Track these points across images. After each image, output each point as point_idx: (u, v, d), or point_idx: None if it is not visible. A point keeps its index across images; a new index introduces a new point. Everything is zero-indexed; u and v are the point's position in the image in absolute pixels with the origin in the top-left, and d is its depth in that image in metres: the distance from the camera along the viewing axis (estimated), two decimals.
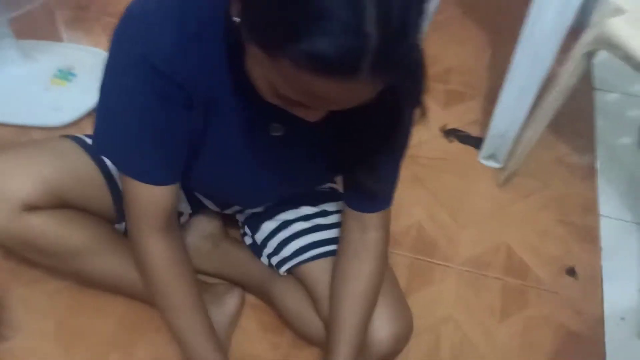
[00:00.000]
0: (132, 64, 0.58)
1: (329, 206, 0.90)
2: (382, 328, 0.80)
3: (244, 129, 0.68)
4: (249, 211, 0.95)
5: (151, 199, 0.67)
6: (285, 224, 0.90)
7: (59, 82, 1.28)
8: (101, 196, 0.82)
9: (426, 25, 1.53)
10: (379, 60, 0.44)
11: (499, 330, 0.98)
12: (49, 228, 0.77)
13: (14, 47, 1.26)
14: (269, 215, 0.91)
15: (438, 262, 1.07)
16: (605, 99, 1.48)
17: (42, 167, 0.76)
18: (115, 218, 0.85)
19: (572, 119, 1.41)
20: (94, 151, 0.81)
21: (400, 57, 0.46)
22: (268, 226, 0.91)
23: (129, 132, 0.63)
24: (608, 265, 1.10)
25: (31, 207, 0.75)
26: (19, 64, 1.27)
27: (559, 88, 1.02)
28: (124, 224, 0.86)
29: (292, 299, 0.89)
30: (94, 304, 0.94)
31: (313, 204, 0.90)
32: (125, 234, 0.86)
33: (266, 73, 0.50)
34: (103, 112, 0.64)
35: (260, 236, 0.92)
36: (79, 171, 0.79)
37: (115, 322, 0.93)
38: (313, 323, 0.86)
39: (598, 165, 1.30)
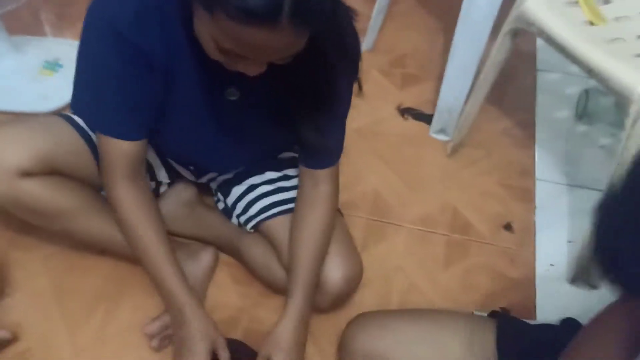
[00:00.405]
0: (100, 31, 0.71)
1: (290, 171, 1.03)
2: (334, 271, 0.93)
3: (203, 94, 0.80)
4: (221, 178, 1.07)
5: (120, 152, 0.80)
6: (252, 187, 1.02)
7: (46, 72, 1.39)
8: (87, 165, 0.93)
9: (381, 17, 1.65)
10: (297, 10, 0.56)
11: (442, 276, 1.12)
12: (41, 192, 0.88)
13: (6, 41, 1.36)
14: (238, 180, 1.04)
15: (391, 221, 1.21)
16: (546, 78, 1.63)
17: (34, 138, 0.87)
18: (100, 185, 0.97)
19: (516, 96, 1.55)
20: (78, 124, 0.92)
21: (316, 7, 0.58)
22: (237, 190, 1.04)
23: (98, 92, 0.76)
24: (541, 220, 1.24)
25: (25, 174, 0.86)
26: (9, 56, 1.38)
27: (490, 63, 1.16)
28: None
29: (258, 253, 1.01)
30: (84, 264, 1.06)
31: (277, 169, 1.03)
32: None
33: (209, 30, 0.62)
34: (78, 76, 0.77)
35: (230, 200, 1.05)
36: (67, 142, 0.91)
37: (103, 279, 1.05)
38: (277, 272, 0.98)
39: (537, 136, 1.44)
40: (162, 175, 1.06)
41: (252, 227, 1.02)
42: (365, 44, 1.67)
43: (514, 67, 1.55)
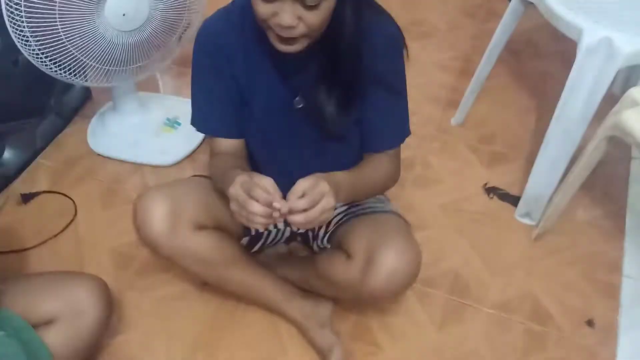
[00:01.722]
0: (199, 42, 0.94)
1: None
2: (391, 250, 0.94)
3: (277, 105, 0.95)
4: None
5: (216, 144, 1.01)
6: None
7: (167, 129, 1.58)
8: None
9: (474, 93, 1.69)
10: None
11: None
12: (210, 243, 1.02)
13: (135, 100, 1.57)
14: None
15: (470, 303, 1.25)
16: None
17: (204, 196, 1.03)
18: (241, 234, 1.12)
19: (608, 184, 1.53)
20: None
21: None
22: None
23: (196, 100, 0.98)
24: (625, 320, 1.22)
25: (200, 227, 1.01)
26: (137, 113, 1.58)
27: (583, 163, 1.19)
28: (245, 238, 1.13)
29: (327, 254, 1.09)
30: (188, 310, 1.20)
31: None
32: (246, 247, 1.14)
33: None
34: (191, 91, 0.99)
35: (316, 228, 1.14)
36: (221, 199, 1.04)
37: (203, 326, 1.18)
38: (339, 266, 1.01)
39: (627, 229, 1.42)
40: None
41: (328, 240, 1.11)
42: (456, 118, 1.73)
43: (608, 152, 1.55)
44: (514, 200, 1.47)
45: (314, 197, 0.80)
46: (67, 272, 1.08)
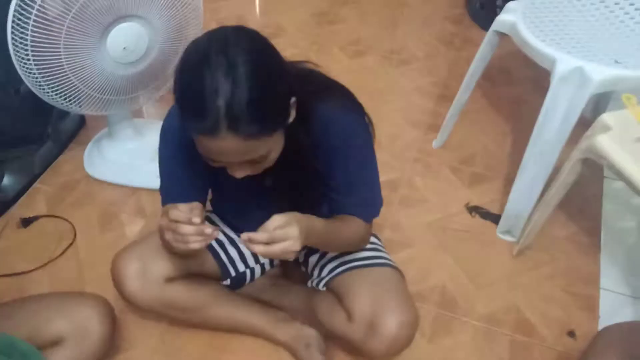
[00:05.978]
0: (163, 133, 1.01)
1: None
2: (389, 315, 1.01)
3: (246, 184, 0.97)
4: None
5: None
6: (324, 253, 1.17)
7: None
8: (209, 263, 1.13)
9: (454, 118, 1.77)
10: (231, 124, 0.74)
11: None
12: (183, 292, 1.09)
13: (131, 127, 1.62)
14: (314, 250, 1.19)
15: (458, 316, 1.31)
16: (613, 186, 1.69)
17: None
18: (220, 277, 1.16)
19: (582, 202, 1.61)
20: None
21: (250, 118, 0.75)
22: (313, 259, 1.19)
23: (161, 177, 1.03)
24: None
25: (170, 280, 1.07)
26: (132, 139, 1.63)
27: (559, 183, 1.27)
28: (228, 280, 1.16)
29: (325, 302, 1.14)
30: (189, 330, 1.23)
31: None
32: (229, 287, 1.18)
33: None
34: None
35: (309, 268, 1.20)
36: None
37: (205, 345, 1.22)
38: (338, 316, 1.08)
39: (602, 244, 1.51)
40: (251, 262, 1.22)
41: (324, 286, 1.15)
42: (438, 141, 1.82)
43: (582, 173, 1.63)
44: (495, 219, 1.55)
45: (274, 237, 0.84)
46: (71, 292, 1.12)
